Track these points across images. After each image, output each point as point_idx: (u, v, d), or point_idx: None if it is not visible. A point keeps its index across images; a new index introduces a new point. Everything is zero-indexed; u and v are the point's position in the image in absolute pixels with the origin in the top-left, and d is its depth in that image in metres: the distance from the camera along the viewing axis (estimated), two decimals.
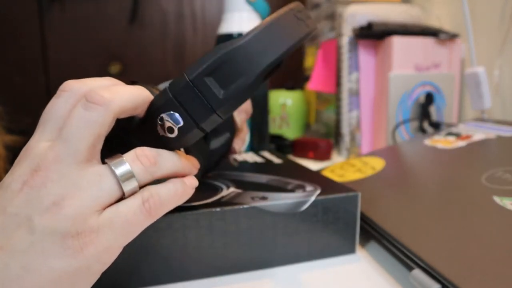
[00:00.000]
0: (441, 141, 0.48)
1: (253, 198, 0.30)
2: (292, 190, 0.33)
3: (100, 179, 0.19)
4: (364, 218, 0.34)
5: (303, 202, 0.31)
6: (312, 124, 0.86)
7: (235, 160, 0.43)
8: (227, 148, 0.35)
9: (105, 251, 0.19)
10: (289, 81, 0.87)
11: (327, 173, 0.46)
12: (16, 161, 0.20)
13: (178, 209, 0.28)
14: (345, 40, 0.67)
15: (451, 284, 0.23)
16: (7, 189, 0.19)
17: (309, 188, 0.33)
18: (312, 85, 0.77)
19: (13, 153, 0.42)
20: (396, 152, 0.49)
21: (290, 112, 0.81)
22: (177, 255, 0.28)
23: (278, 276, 0.30)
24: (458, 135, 0.49)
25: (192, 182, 0.23)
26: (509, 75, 0.62)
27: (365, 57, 0.67)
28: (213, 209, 0.29)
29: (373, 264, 0.32)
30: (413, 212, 0.33)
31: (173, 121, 0.21)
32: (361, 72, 0.67)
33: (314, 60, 0.83)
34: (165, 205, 0.21)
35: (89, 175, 0.19)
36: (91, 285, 0.20)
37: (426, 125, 0.63)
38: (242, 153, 0.36)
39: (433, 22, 0.77)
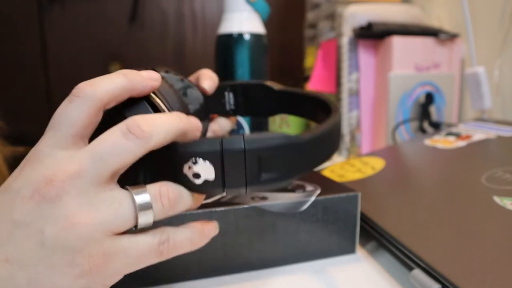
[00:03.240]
0: (441, 141, 0.48)
1: (253, 198, 0.30)
2: (292, 190, 0.33)
3: (119, 206, 0.19)
4: (364, 218, 0.34)
5: (303, 202, 0.31)
6: (312, 124, 0.86)
7: None
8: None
9: (111, 275, 0.19)
10: (289, 81, 0.87)
11: (327, 173, 0.46)
12: (24, 163, 0.19)
13: None
14: (345, 40, 0.67)
15: (451, 284, 0.23)
16: (16, 195, 0.18)
17: (309, 188, 0.33)
18: (312, 85, 0.77)
19: (12, 165, 0.42)
20: (396, 152, 0.49)
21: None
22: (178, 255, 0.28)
23: (278, 276, 0.30)
24: (458, 135, 0.49)
25: (210, 231, 0.23)
26: (509, 75, 0.62)
27: (365, 57, 0.67)
28: (213, 209, 0.29)
29: (373, 264, 0.32)
30: (413, 212, 0.33)
31: (205, 171, 0.20)
32: (361, 72, 0.67)
33: (314, 60, 0.83)
34: (178, 250, 0.21)
35: (109, 198, 0.19)
36: None
37: (426, 125, 0.63)
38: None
39: (433, 22, 0.77)
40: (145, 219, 0.19)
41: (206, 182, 0.20)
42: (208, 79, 0.34)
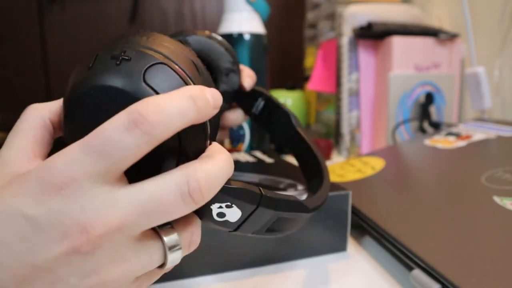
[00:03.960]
0: (441, 141, 0.48)
1: None
2: (284, 189, 0.33)
3: (150, 258, 0.17)
4: (364, 218, 0.34)
5: None
6: (312, 124, 0.86)
7: None
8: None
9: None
10: (289, 81, 0.87)
11: None
12: (49, 186, 0.15)
13: None
14: (345, 40, 0.67)
15: (451, 284, 0.23)
16: (40, 231, 0.15)
17: (300, 187, 0.34)
18: (312, 85, 0.77)
19: None
20: (396, 152, 0.49)
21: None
22: None
23: (272, 273, 0.30)
24: (458, 135, 0.49)
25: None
26: (509, 75, 0.62)
27: (365, 57, 0.67)
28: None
29: (365, 261, 0.32)
30: (413, 212, 0.33)
31: (232, 215, 0.19)
32: (361, 72, 0.67)
33: (314, 60, 0.83)
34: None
35: (141, 249, 0.17)
36: None
37: (426, 125, 0.63)
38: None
39: (433, 22, 0.77)
40: (172, 262, 0.19)
41: (225, 222, 0.19)
42: (249, 77, 0.35)
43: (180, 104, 0.16)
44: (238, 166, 0.41)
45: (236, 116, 0.36)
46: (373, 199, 0.37)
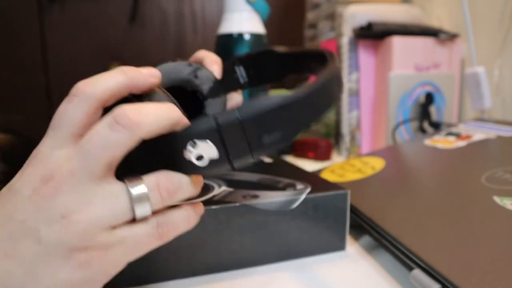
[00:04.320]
0: (441, 141, 0.48)
1: (244, 197, 0.31)
2: (283, 189, 0.33)
3: (115, 200, 0.19)
4: (364, 218, 0.34)
5: (294, 200, 0.31)
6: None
7: None
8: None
9: (111, 266, 0.19)
10: (289, 81, 0.87)
11: (327, 173, 0.46)
12: (26, 164, 0.19)
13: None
14: (345, 40, 0.67)
15: (451, 284, 0.23)
16: (17, 195, 0.18)
17: (299, 186, 0.34)
18: None
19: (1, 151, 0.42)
20: (396, 152, 0.49)
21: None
22: (170, 254, 0.29)
23: (270, 273, 0.30)
24: (458, 135, 0.49)
25: (201, 210, 0.23)
26: (509, 75, 0.62)
27: (365, 57, 0.67)
28: (206, 208, 0.29)
29: (364, 261, 0.32)
30: (413, 212, 0.33)
31: (207, 151, 0.20)
32: (361, 72, 0.67)
33: None
34: (176, 231, 0.21)
35: (104, 192, 0.19)
36: None
37: (426, 125, 0.63)
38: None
39: (433, 22, 0.77)
40: (142, 211, 0.19)
41: (211, 162, 0.20)
42: (213, 64, 0.33)
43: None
44: None
45: (236, 102, 0.35)
46: (373, 199, 0.37)
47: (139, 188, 0.19)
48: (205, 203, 0.30)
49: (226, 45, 0.54)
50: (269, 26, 0.58)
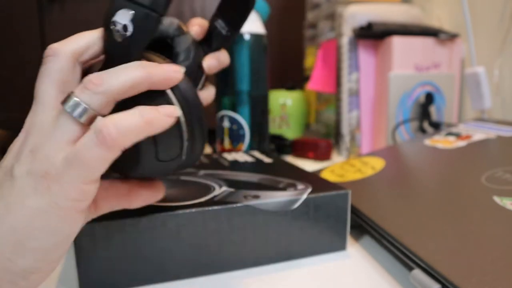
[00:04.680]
0: (441, 141, 0.48)
1: (245, 197, 0.31)
2: (283, 189, 0.33)
3: (58, 120, 0.20)
4: (364, 218, 0.34)
5: (295, 200, 0.31)
6: (312, 124, 0.86)
7: None
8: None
9: (70, 188, 0.20)
10: (289, 81, 0.87)
11: (327, 173, 0.46)
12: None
13: (172, 209, 0.28)
14: (345, 40, 0.67)
15: (451, 284, 0.23)
16: (10, 150, 0.22)
17: (300, 186, 0.34)
18: (312, 85, 0.77)
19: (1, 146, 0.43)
20: (396, 152, 0.49)
21: (290, 112, 0.81)
22: (171, 254, 0.29)
23: (271, 273, 0.30)
24: (458, 135, 0.49)
25: (168, 110, 0.21)
26: (509, 75, 0.62)
27: (365, 57, 0.67)
28: (206, 208, 0.29)
29: (365, 260, 0.32)
30: (413, 212, 0.33)
31: (123, 16, 0.21)
32: (361, 72, 0.67)
33: (314, 60, 0.83)
34: (125, 134, 0.19)
35: (55, 120, 0.21)
36: (73, 228, 0.21)
37: (426, 125, 0.63)
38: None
39: (433, 22, 0.77)
40: (80, 113, 0.20)
41: (134, 21, 0.21)
42: (194, 26, 0.32)
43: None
44: (237, 166, 0.42)
45: (217, 59, 0.34)
46: (373, 199, 0.37)
47: (68, 98, 0.20)
48: (206, 203, 0.30)
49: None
50: (269, 26, 0.58)
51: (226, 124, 0.56)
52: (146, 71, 0.21)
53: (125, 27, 0.21)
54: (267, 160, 0.45)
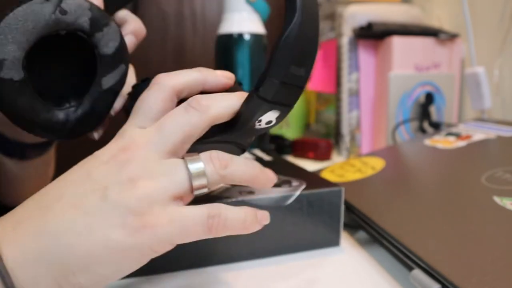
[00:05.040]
0: (441, 141, 0.48)
1: (240, 192, 0.31)
2: (278, 185, 0.33)
3: (175, 171, 0.21)
4: (364, 218, 0.34)
5: (289, 196, 0.32)
6: (312, 124, 0.86)
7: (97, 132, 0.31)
8: (122, 85, 0.29)
9: (158, 241, 0.20)
10: None
11: (327, 173, 0.46)
12: (111, 141, 0.23)
13: None
14: (345, 40, 0.67)
15: (451, 284, 0.23)
16: (97, 158, 0.21)
17: (295, 183, 0.34)
18: (312, 85, 0.77)
19: None
20: (396, 152, 0.49)
21: (290, 112, 0.81)
22: None
23: (265, 266, 0.30)
24: (458, 135, 0.49)
25: (263, 218, 0.24)
26: (509, 75, 0.62)
27: (365, 57, 0.67)
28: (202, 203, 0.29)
29: (358, 256, 0.32)
30: (413, 212, 0.33)
31: (271, 116, 0.23)
32: (361, 72, 0.67)
33: None
34: (228, 229, 0.22)
35: (167, 165, 0.21)
36: (135, 268, 0.21)
37: (426, 125, 0.63)
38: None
39: (433, 22, 0.77)
40: (199, 181, 0.21)
41: (277, 118, 0.24)
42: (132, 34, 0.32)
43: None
44: None
45: (119, 20, 0.33)
46: (373, 199, 0.37)
47: (195, 161, 0.21)
48: (202, 198, 0.30)
49: (226, 45, 0.54)
50: (269, 26, 0.58)
51: None
52: (253, 176, 0.23)
53: (269, 122, 0.24)
54: (267, 158, 0.45)
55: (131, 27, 0.32)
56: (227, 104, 0.23)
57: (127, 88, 0.28)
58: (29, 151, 0.33)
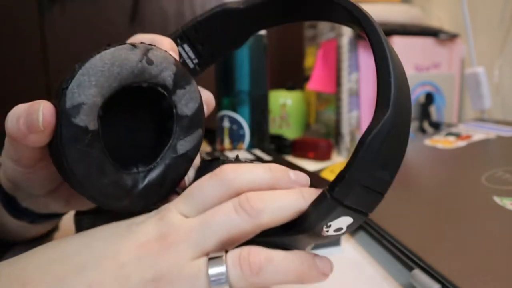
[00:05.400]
0: (441, 141, 0.48)
1: None
2: None
3: (196, 276, 0.18)
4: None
5: None
6: (312, 124, 0.86)
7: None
8: (197, 152, 0.25)
9: None
10: (289, 81, 0.87)
11: (327, 173, 0.46)
12: (155, 212, 0.21)
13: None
14: (345, 40, 0.67)
15: (451, 284, 0.23)
16: (132, 236, 0.19)
17: None
18: (312, 85, 0.77)
19: None
20: None
21: (290, 112, 0.81)
22: None
23: None
24: (458, 135, 0.49)
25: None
26: (509, 75, 0.62)
27: (365, 57, 0.67)
28: None
29: (359, 256, 0.32)
30: (413, 212, 0.33)
31: (342, 223, 0.19)
32: (361, 72, 0.67)
33: (314, 60, 0.83)
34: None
35: (193, 268, 0.19)
36: None
37: (426, 125, 0.63)
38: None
39: (433, 22, 0.77)
40: (217, 283, 0.18)
41: (348, 226, 0.20)
42: (163, 41, 0.26)
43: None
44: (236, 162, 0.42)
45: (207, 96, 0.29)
46: None
47: (217, 263, 0.19)
48: None
49: None
50: None
51: (226, 124, 0.56)
52: (300, 275, 0.20)
53: (339, 229, 0.20)
54: (267, 158, 0.45)
55: (204, 96, 0.27)
56: (288, 205, 0.19)
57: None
58: (42, 219, 0.30)
